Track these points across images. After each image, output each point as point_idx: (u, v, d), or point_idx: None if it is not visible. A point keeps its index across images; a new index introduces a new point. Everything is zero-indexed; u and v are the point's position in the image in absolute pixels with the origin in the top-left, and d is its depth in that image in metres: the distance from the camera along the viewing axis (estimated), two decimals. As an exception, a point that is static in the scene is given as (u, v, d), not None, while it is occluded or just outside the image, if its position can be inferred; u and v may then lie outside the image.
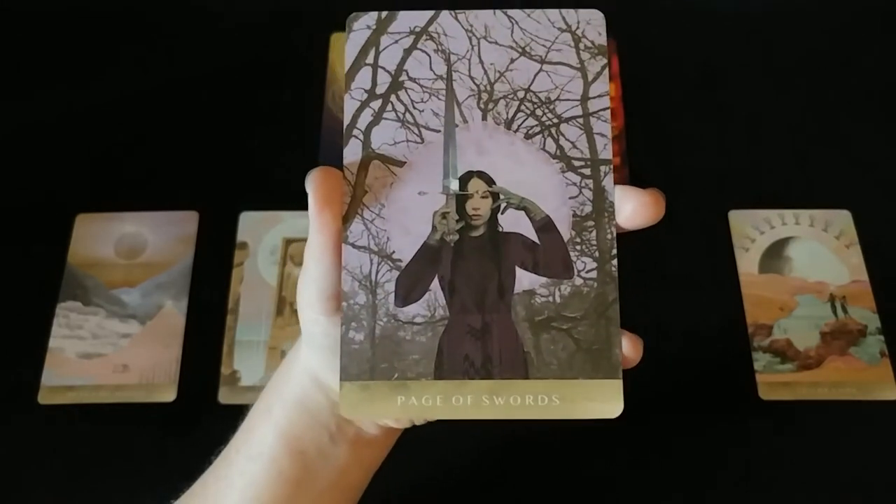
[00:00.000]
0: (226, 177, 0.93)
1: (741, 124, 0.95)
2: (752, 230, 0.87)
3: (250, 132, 0.96)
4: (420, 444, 0.61)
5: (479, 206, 0.46)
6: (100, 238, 0.88)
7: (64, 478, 0.77)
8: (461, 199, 0.46)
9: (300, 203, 0.47)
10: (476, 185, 0.46)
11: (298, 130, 0.94)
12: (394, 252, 0.46)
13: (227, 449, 0.58)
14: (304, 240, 0.48)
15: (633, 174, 0.88)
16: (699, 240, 0.88)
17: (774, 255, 0.86)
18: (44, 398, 0.80)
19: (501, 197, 0.46)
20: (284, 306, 0.85)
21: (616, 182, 0.46)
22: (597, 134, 0.47)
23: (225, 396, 0.80)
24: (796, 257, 0.85)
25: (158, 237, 0.88)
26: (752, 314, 0.83)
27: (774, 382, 0.79)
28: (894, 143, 0.94)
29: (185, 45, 1.02)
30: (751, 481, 0.76)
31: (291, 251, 0.87)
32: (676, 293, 0.84)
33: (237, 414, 0.59)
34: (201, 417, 0.79)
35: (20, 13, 1.04)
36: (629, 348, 0.45)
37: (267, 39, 1.02)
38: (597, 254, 0.46)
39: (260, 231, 0.89)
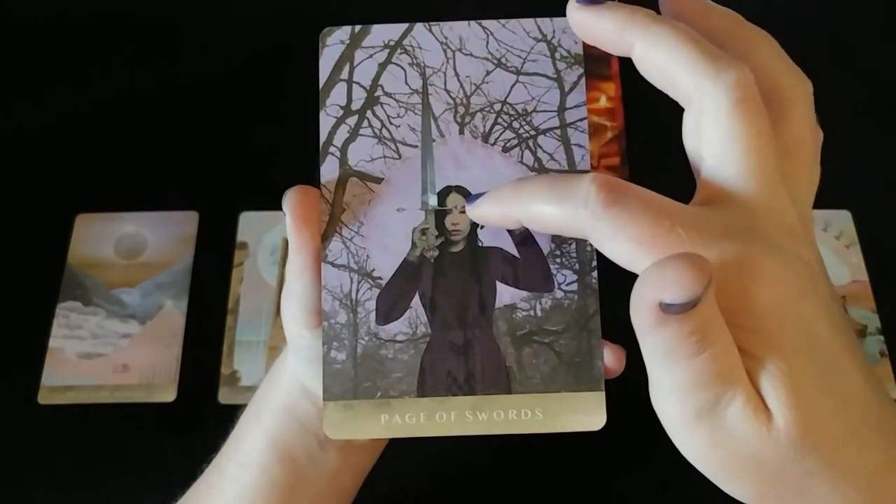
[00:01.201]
0: (225, 177, 0.93)
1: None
2: (752, 230, 0.87)
3: (250, 132, 0.96)
4: (412, 446, 0.60)
5: (459, 222, 0.46)
6: (100, 238, 0.88)
7: (64, 478, 0.77)
8: (440, 214, 0.46)
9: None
10: (455, 200, 0.46)
11: (298, 130, 0.92)
12: (374, 270, 0.46)
13: (218, 457, 0.59)
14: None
15: (633, 174, 0.87)
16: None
17: (774, 255, 0.85)
18: (44, 398, 0.80)
19: None
20: (284, 306, 0.85)
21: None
22: (574, 145, 0.47)
23: (225, 396, 0.80)
24: (796, 257, 0.85)
25: (158, 237, 0.88)
26: (752, 314, 0.82)
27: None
28: (894, 143, 0.94)
29: (184, 45, 1.02)
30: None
31: (291, 251, 0.87)
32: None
33: (237, 414, 0.59)
34: (201, 417, 0.79)
35: (20, 12, 1.04)
36: (611, 359, 0.45)
37: (267, 39, 1.02)
38: (577, 266, 0.45)
39: (260, 231, 0.89)
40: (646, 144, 0.90)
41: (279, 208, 0.86)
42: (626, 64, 0.91)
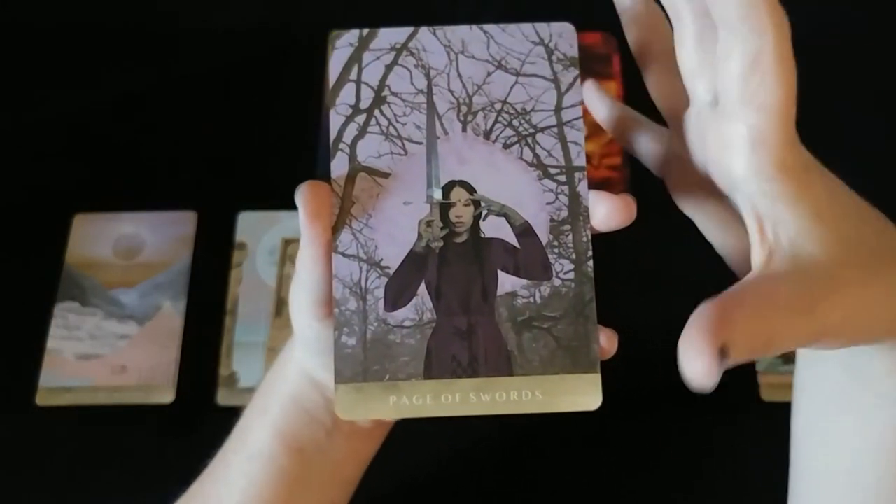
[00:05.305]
0: (224, 177, 0.96)
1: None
2: (754, 229, 0.90)
3: (249, 132, 0.99)
4: (414, 440, 0.65)
5: (462, 214, 0.51)
6: (98, 238, 0.91)
7: (62, 480, 0.80)
8: (444, 207, 0.51)
9: (299, 203, 0.51)
10: (458, 194, 0.51)
11: (297, 130, 0.97)
12: (382, 260, 0.51)
13: (224, 451, 0.63)
14: (303, 241, 0.52)
15: (635, 174, 0.90)
16: (701, 240, 0.90)
17: (776, 255, 0.88)
18: (42, 400, 0.83)
19: (483, 204, 0.51)
20: (283, 307, 0.88)
21: (618, 181, 0.51)
22: (570, 142, 0.52)
23: (223, 398, 0.84)
24: (798, 256, 0.88)
25: (156, 237, 0.91)
26: (754, 314, 0.86)
27: (776, 384, 0.82)
28: (895, 143, 0.96)
29: (183, 45, 1.05)
30: (751, 483, 0.78)
31: (290, 252, 0.90)
32: (678, 293, 0.85)
33: (236, 416, 0.63)
34: (200, 419, 0.82)
35: (19, 12, 1.07)
36: (605, 341, 0.50)
37: (265, 40, 1.05)
38: (573, 256, 0.50)
39: (258, 231, 0.92)
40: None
41: (278, 208, 0.93)
42: (628, 64, 0.95)
